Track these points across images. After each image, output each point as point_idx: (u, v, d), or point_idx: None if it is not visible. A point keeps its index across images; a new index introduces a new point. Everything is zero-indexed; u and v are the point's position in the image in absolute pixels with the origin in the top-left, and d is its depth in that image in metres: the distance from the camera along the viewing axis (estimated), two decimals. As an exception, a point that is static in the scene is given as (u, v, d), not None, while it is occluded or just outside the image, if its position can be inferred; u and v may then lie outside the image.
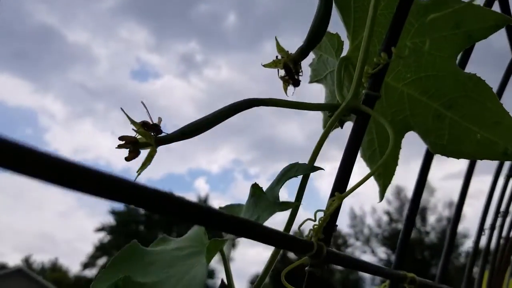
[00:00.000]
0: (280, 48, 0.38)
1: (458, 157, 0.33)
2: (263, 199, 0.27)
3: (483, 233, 0.69)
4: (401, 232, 0.40)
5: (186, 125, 0.31)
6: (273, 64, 0.38)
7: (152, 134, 0.29)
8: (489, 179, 0.82)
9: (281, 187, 0.32)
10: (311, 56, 0.46)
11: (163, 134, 0.30)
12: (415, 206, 0.41)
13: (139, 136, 0.29)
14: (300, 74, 0.39)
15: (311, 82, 0.44)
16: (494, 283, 0.92)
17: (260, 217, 0.26)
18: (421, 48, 0.33)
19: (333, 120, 0.32)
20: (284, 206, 0.26)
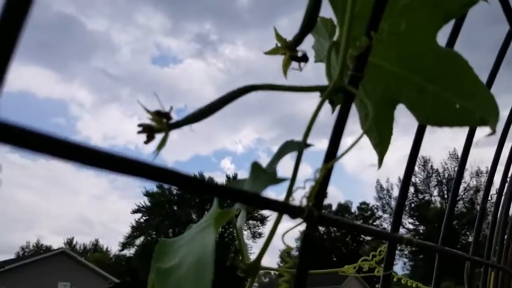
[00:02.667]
0: (278, 37, 0.42)
1: (440, 126, 0.36)
2: (261, 174, 0.32)
3: (489, 198, 0.71)
4: (398, 196, 0.44)
5: (193, 111, 0.36)
6: (274, 51, 0.42)
7: (165, 120, 0.34)
8: None
9: (277, 162, 0.36)
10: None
11: (174, 121, 0.35)
12: (410, 173, 0.44)
13: (154, 123, 0.34)
14: (299, 54, 0.42)
15: (316, 61, 0.47)
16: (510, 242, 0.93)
17: (257, 189, 0.30)
18: (401, 29, 0.35)
19: (322, 100, 0.36)
20: (277, 180, 0.31)
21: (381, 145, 0.42)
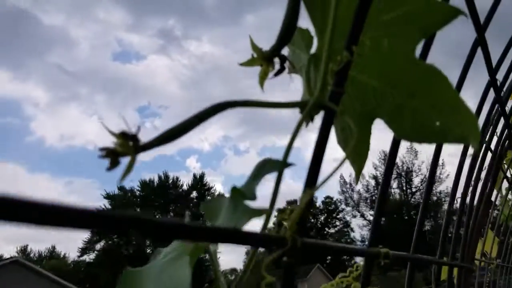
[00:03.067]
0: (254, 47, 0.40)
1: (420, 142, 0.35)
2: (241, 205, 0.29)
3: (456, 201, 0.74)
4: (374, 213, 0.43)
5: (162, 132, 0.32)
6: (250, 63, 0.40)
7: (131, 143, 0.31)
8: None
9: (257, 184, 0.34)
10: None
11: (142, 143, 0.31)
12: (386, 188, 0.43)
13: (119, 146, 0.30)
14: (273, 68, 0.40)
15: (289, 72, 0.46)
16: (471, 242, 0.98)
17: (237, 223, 0.28)
18: (381, 43, 0.34)
19: (303, 117, 0.34)
20: (258, 212, 0.28)
21: (358, 161, 0.41)
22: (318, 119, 0.39)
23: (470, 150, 0.85)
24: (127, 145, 0.30)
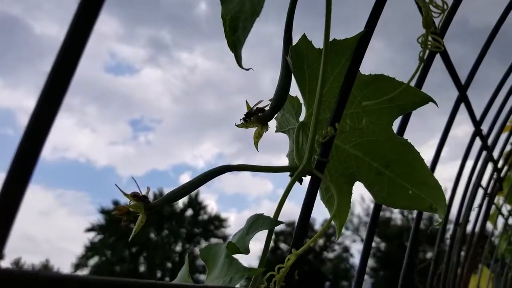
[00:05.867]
0: (249, 108, 0.45)
1: (395, 207, 0.40)
2: (235, 263, 0.34)
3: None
4: (359, 262, 0.47)
5: (168, 193, 0.37)
6: (245, 126, 0.45)
7: (142, 204, 0.35)
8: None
9: (250, 238, 0.38)
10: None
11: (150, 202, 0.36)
12: (370, 240, 0.48)
13: (131, 207, 0.35)
14: (267, 130, 0.46)
15: (277, 131, 0.51)
16: (463, 275, 1.01)
17: (232, 279, 0.32)
18: (361, 119, 0.39)
19: (292, 181, 0.39)
20: (252, 271, 0.33)
21: (340, 217, 0.46)
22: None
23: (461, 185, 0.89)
24: (139, 206, 0.35)
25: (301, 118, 0.45)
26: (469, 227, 1.09)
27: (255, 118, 0.45)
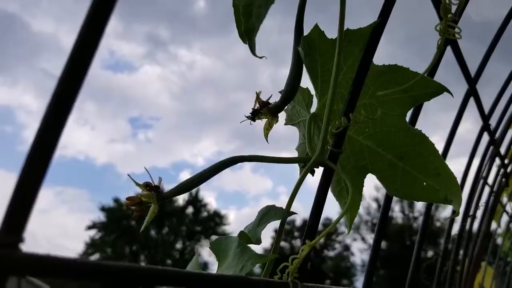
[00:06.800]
0: (260, 101, 0.45)
1: (408, 199, 0.39)
2: (248, 250, 0.33)
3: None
4: (369, 259, 0.47)
5: (181, 183, 0.37)
6: (254, 117, 0.45)
7: (154, 193, 0.35)
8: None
9: (262, 229, 0.38)
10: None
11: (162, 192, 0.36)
12: (379, 239, 0.47)
13: (144, 197, 0.35)
14: (277, 122, 0.45)
15: (286, 124, 0.50)
16: (470, 273, 1.00)
17: (244, 266, 0.32)
18: (375, 109, 0.39)
19: (305, 172, 0.39)
20: (264, 258, 0.32)
21: (351, 210, 0.45)
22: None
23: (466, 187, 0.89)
24: (151, 196, 0.35)
25: (312, 110, 0.44)
26: (474, 225, 1.09)
27: (266, 110, 0.45)
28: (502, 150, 0.99)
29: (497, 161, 1.03)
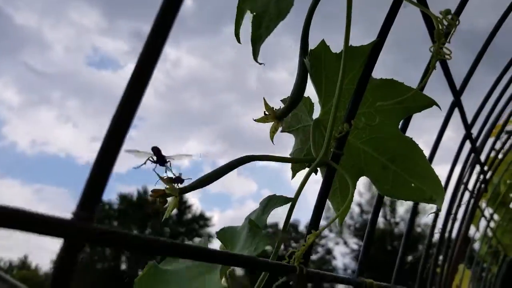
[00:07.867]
0: (268, 107, 0.49)
1: (398, 199, 0.45)
2: (259, 233, 0.38)
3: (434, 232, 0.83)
4: (363, 245, 0.52)
5: (201, 177, 0.41)
6: (263, 120, 0.49)
7: (176, 186, 0.39)
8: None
9: (267, 216, 0.42)
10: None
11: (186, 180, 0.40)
12: (371, 236, 0.52)
13: (166, 189, 0.39)
14: (282, 126, 0.50)
15: (283, 131, 0.55)
16: (449, 274, 1.07)
17: (257, 247, 0.36)
18: (373, 116, 0.44)
19: (310, 171, 0.43)
20: (276, 238, 0.37)
21: (345, 208, 0.50)
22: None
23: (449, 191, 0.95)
24: (174, 189, 0.39)
25: (314, 116, 0.49)
26: (454, 228, 1.16)
27: (272, 115, 0.50)
28: (482, 157, 1.07)
29: (477, 168, 1.10)
